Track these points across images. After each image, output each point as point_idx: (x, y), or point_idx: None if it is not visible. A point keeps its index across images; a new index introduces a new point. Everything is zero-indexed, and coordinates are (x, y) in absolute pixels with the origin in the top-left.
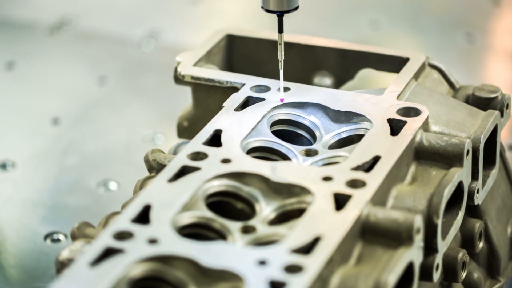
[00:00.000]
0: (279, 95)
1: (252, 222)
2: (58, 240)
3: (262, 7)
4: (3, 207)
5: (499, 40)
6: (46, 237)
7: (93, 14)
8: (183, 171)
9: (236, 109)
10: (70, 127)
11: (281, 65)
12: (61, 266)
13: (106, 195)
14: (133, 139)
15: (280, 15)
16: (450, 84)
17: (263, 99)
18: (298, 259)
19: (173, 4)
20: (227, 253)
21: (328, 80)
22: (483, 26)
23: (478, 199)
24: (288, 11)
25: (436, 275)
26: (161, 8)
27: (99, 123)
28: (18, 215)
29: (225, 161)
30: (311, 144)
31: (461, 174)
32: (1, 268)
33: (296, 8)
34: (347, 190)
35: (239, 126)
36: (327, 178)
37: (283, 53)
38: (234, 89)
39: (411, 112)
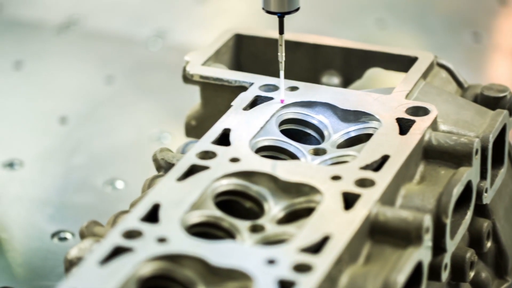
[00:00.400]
0: (280, 96)
1: (260, 221)
2: (65, 238)
3: (263, 8)
4: (10, 206)
5: (505, 39)
6: (53, 235)
7: (100, 14)
8: (192, 170)
9: (245, 108)
10: (77, 126)
11: (281, 66)
12: (70, 264)
13: (113, 193)
14: (140, 138)
15: (281, 16)
16: (459, 83)
17: (271, 98)
18: (307, 258)
19: (180, 3)
20: (236, 252)
21: (336, 80)
22: (490, 25)
23: (487, 199)
24: (289, 12)
25: (445, 275)
26: (168, 7)
27: (106, 122)
28: (26, 214)
29: (234, 160)
30: (320, 143)
31: (470, 173)
32: (9, 267)
33: (297, 9)
34: (356, 190)
35: (248, 125)
36: (335, 177)
37: (283, 54)
38: (243, 88)
39: (419, 111)
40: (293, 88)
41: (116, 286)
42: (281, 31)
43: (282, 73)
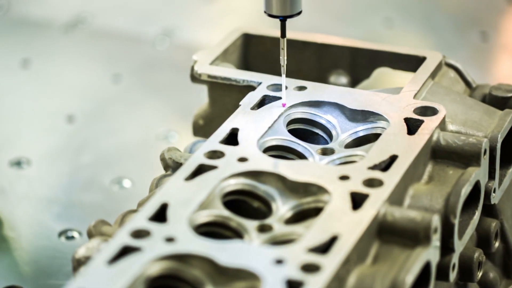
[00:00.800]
0: (282, 99)
1: (268, 221)
2: (72, 237)
3: (265, 12)
4: (18, 204)
5: None
6: (60, 234)
7: (107, 12)
8: (200, 170)
9: (253, 108)
10: (84, 125)
11: (283, 70)
12: (78, 264)
13: (120, 192)
14: (147, 137)
15: (283, 20)
16: (467, 83)
17: (279, 98)
18: (315, 258)
19: (188, 2)
20: (244, 252)
21: (344, 79)
22: (498, 24)
23: (495, 199)
24: (291, 16)
25: (453, 275)
26: (175, 6)
27: (113, 120)
28: (33, 212)
29: (242, 159)
30: (328, 143)
31: (478, 173)
32: (16, 265)
33: (299, 13)
34: (364, 189)
35: (256, 124)
36: (343, 177)
37: (285, 58)
38: (251, 88)
39: (428, 111)
40: (301, 88)
41: (124, 286)
42: (283, 35)
43: (283, 76)
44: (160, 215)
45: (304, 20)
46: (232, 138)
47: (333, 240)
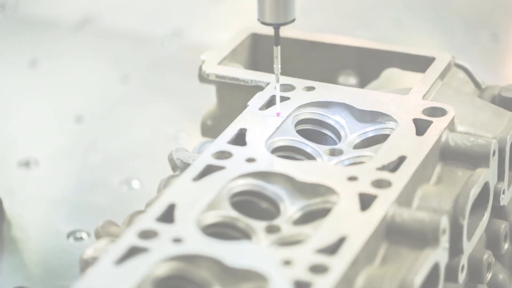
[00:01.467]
0: (276, 108)
1: (276, 222)
2: (81, 238)
3: (258, 20)
4: (26, 205)
5: None
6: (69, 235)
7: (116, 12)
8: (208, 170)
9: (261, 108)
10: (93, 125)
11: (277, 78)
12: (85, 264)
13: (128, 193)
14: (156, 138)
15: (277, 27)
16: (476, 84)
17: (288, 98)
18: (323, 259)
19: (196, 2)
20: (252, 253)
21: (352, 80)
22: (508, 26)
23: (504, 200)
24: (284, 24)
25: (462, 276)
26: (184, 6)
27: (122, 121)
28: (41, 213)
29: (250, 160)
30: (336, 144)
31: (487, 174)
32: (24, 266)
33: (293, 20)
34: (372, 190)
35: (264, 125)
36: (352, 178)
37: (279, 66)
38: (259, 88)
39: (437, 112)
40: (310, 88)
41: (132, 287)
42: (277, 43)
43: (278, 85)
44: (168, 216)
45: (313, 21)
46: (240, 139)
47: (341, 241)
